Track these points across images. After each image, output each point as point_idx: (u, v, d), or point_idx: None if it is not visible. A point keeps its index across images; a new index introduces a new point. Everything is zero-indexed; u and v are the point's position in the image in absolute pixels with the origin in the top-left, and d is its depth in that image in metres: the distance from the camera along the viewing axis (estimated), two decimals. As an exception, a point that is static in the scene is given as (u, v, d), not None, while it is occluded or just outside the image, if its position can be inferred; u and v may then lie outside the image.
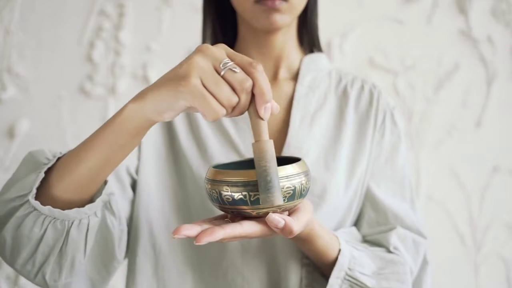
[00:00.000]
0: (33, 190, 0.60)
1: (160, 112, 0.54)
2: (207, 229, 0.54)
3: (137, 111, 0.55)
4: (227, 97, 0.52)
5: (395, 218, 0.79)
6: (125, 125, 0.56)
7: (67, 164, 0.61)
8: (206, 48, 0.52)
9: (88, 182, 0.61)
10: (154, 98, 0.53)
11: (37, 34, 1.43)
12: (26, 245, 0.62)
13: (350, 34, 1.45)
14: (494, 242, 1.45)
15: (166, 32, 1.46)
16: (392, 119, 0.84)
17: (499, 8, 1.43)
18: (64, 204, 0.62)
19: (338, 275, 0.69)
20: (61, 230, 0.62)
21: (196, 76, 0.50)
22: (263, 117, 0.54)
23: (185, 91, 0.51)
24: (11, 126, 1.41)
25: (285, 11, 0.77)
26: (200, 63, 0.51)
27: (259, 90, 0.52)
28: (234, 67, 0.52)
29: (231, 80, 0.52)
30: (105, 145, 0.58)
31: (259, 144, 0.54)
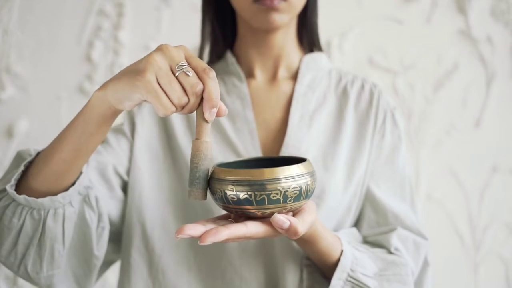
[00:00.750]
0: (12, 181, 0.64)
1: (120, 101, 0.57)
2: (211, 229, 0.54)
3: (101, 98, 0.58)
4: (178, 97, 0.54)
5: (395, 219, 0.79)
6: (92, 113, 0.60)
7: (43, 156, 0.64)
8: (166, 48, 0.55)
9: (62, 172, 0.64)
10: (115, 88, 0.57)
11: (36, 33, 1.43)
12: (7, 236, 0.65)
13: (349, 34, 1.45)
14: (494, 242, 1.45)
15: (165, 32, 1.45)
16: (392, 119, 0.84)
17: (499, 8, 1.43)
18: (42, 195, 0.64)
19: (340, 276, 0.69)
20: (38, 220, 0.64)
21: (151, 73, 0.53)
22: (208, 119, 0.56)
23: (139, 86, 0.53)
24: (10, 126, 1.41)
25: (283, 11, 0.76)
26: (158, 61, 0.54)
27: (207, 95, 0.55)
28: (188, 71, 0.54)
29: (183, 82, 0.54)
30: (75, 134, 0.61)
31: (197, 142, 0.57)
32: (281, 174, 0.55)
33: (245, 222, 0.57)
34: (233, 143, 0.79)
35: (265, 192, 0.55)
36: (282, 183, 0.55)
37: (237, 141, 0.79)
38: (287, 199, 0.56)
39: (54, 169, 0.63)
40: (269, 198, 0.55)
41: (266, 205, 0.55)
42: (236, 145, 0.78)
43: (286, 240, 0.75)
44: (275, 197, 0.55)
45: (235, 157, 0.78)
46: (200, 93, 0.55)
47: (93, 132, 0.61)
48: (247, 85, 0.83)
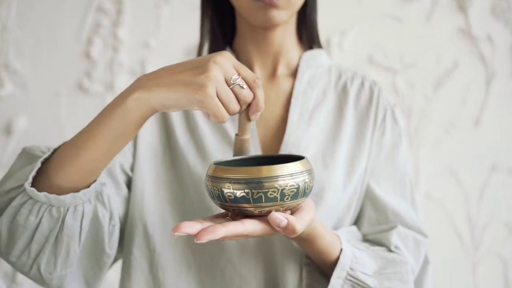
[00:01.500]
0: (29, 179, 0.62)
1: (167, 106, 0.58)
2: (208, 226, 0.53)
3: (143, 102, 0.58)
4: (233, 107, 0.59)
5: (395, 217, 0.79)
6: (129, 115, 0.59)
7: (66, 154, 0.63)
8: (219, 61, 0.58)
9: (88, 171, 0.63)
10: (163, 94, 0.57)
11: (34, 30, 1.42)
12: (21, 235, 0.63)
13: (349, 32, 1.45)
14: (492, 241, 1.45)
15: (164, 29, 1.45)
16: (392, 117, 0.83)
17: (499, 7, 1.43)
18: (62, 192, 0.63)
19: (340, 275, 0.69)
20: (56, 217, 0.63)
21: (213, 88, 0.56)
22: (253, 119, 0.63)
23: (201, 99, 0.56)
24: (9, 122, 1.41)
25: (283, 7, 0.76)
26: (217, 76, 0.57)
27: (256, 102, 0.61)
28: (242, 84, 0.59)
29: (238, 93, 0.59)
30: (107, 135, 0.60)
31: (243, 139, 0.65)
32: (278, 172, 0.55)
33: (242, 220, 0.56)
34: (232, 141, 0.78)
35: (262, 190, 0.54)
36: (280, 181, 0.55)
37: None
38: (284, 197, 0.56)
39: (81, 167, 0.62)
40: (266, 196, 0.55)
41: (263, 203, 0.55)
42: None
43: (286, 239, 0.75)
44: (272, 195, 0.55)
45: None
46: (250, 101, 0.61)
47: (130, 133, 0.61)
48: None
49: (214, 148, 0.78)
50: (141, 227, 0.78)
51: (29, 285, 1.40)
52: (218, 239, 0.53)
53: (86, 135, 0.62)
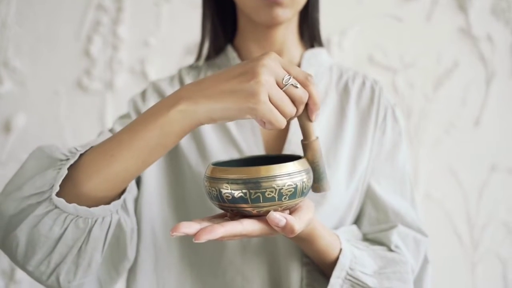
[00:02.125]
0: (56, 187, 0.58)
1: (214, 119, 0.56)
2: (206, 226, 0.53)
3: (188, 114, 0.56)
4: (290, 110, 0.56)
5: (395, 216, 0.79)
6: (171, 127, 0.56)
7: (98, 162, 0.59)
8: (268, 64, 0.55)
9: (122, 181, 0.60)
10: (211, 106, 0.55)
11: (34, 28, 1.42)
12: (43, 245, 0.60)
13: (349, 32, 1.45)
14: (492, 241, 1.45)
15: (164, 27, 1.45)
16: (393, 116, 0.83)
17: (499, 6, 1.43)
18: (91, 202, 0.60)
19: (339, 275, 0.68)
20: (83, 228, 0.60)
21: (265, 94, 0.54)
22: (313, 120, 0.60)
23: (254, 108, 0.54)
24: (8, 120, 1.40)
25: (287, 5, 0.75)
26: (268, 81, 0.54)
27: (313, 101, 0.58)
28: (295, 83, 0.56)
29: (293, 94, 0.56)
30: (146, 146, 0.57)
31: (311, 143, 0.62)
32: (276, 171, 0.55)
33: (241, 220, 0.56)
34: (235, 140, 0.78)
35: (260, 190, 0.54)
36: (277, 181, 0.55)
37: (239, 138, 0.78)
38: (282, 197, 0.55)
39: (113, 177, 0.59)
40: (264, 196, 0.55)
41: (261, 203, 0.55)
42: (239, 142, 0.78)
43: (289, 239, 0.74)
44: (270, 195, 0.55)
45: (237, 155, 0.77)
46: (306, 101, 0.57)
47: (168, 145, 0.58)
48: None
49: (216, 148, 0.78)
50: (149, 225, 0.78)
51: (27, 283, 1.40)
52: (216, 239, 0.53)
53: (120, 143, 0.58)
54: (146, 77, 1.43)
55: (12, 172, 1.49)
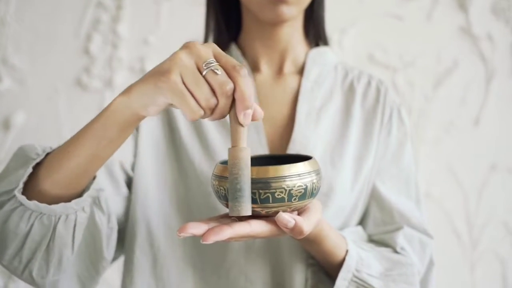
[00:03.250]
0: (20, 185, 0.60)
1: (145, 106, 0.54)
2: (214, 227, 0.52)
3: (124, 105, 0.55)
4: (206, 98, 0.50)
5: (401, 217, 0.78)
6: (113, 118, 0.56)
7: (55, 159, 0.60)
8: (193, 45, 0.52)
9: (76, 177, 0.60)
10: (139, 92, 0.53)
11: (33, 25, 1.42)
12: (12, 240, 0.61)
13: (349, 30, 1.45)
14: (491, 240, 1.45)
15: (164, 25, 1.44)
16: (399, 116, 0.82)
17: (499, 6, 1.43)
18: (52, 199, 0.61)
19: (345, 276, 0.68)
20: (47, 225, 0.61)
21: (176, 73, 0.50)
22: (242, 123, 0.52)
23: (164, 87, 0.50)
24: (7, 118, 1.40)
25: (292, 3, 0.75)
26: (184, 60, 0.50)
27: (239, 95, 0.51)
28: (216, 69, 0.51)
29: (211, 81, 0.50)
30: (94, 139, 0.57)
31: (234, 150, 0.53)
32: (286, 172, 0.54)
33: (249, 221, 0.55)
34: None
35: (270, 190, 0.53)
36: (287, 181, 0.54)
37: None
38: (292, 198, 0.55)
39: (67, 173, 0.59)
40: (273, 197, 0.54)
41: (271, 203, 0.54)
42: None
43: (293, 239, 0.74)
44: (279, 196, 0.54)
45: None
46: (230, 93, 0.51)
47: (114, 139, 0.58)
48: (252, 79, 0.82)
49: (219, 146, 0.77)
50: (144, 226, 0.77)
51: (26, 281, 1.39)
52: (224, 240, 0.52)
53: (75, 140, 0.59)
54: (146, 75, 1.43)
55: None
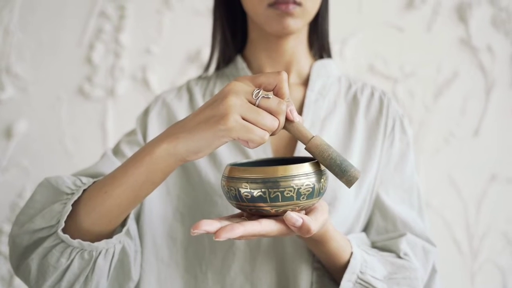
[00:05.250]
0: (61, 223, 0.62)
1: (196, 152, 0.56)
2: (226, 225, 0.54)
3: (170, 152, 0.57)
4: (271, 122, 0.55)
5: (404, 226, 0.79)
6: (156, 165, 0.58)
7: (94, 199, 0.62)
8: (234, 86, 0.55)
9: (116, 217, 0.63)
10: (189, 140, 0.56)
11: (36, 34, 1.43)
12: (52, 274, 0.63)
13: (350, 40, 1.46)
14: (491, 250, 1.45)
15: (166, 35, 1.45)
16: (401, 127, 0.84)
17: (499, 18, 1.44)
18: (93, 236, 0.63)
19: (350, 278, 0.69)
20: (88, 260, 0.63)
21: (234, 113, 0.53)
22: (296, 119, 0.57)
23: (226, 129, 0.53)
24: (9, 126, 1.41)
25: (298, 16, 0.76)
26: (236, 101, 0.54)
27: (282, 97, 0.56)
28: (265, 94, 0.55)
29: (267, 106, 0.55)
30: (135, 183, 0.60)
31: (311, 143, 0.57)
32: (294, 171, 0.56)
33: (260, 220, 0.57)
34: (244, 150, 0.78)
35: (279, 189, 0.55)
36: (296, 180, 0.56)
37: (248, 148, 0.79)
38: (300, 196, 0.56)
39: (108, 213, 0.62)
40: (282, 195, 0.56)
41: (280, 202, 0.56)
42: (247, 150, 0.78)
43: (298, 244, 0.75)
44: (288, 194, 0.56)
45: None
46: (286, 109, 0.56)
47: (157, 181, 0.60)
48: None
49: (226, 157, 0.78)
50: (149, 238, 0.78)
51: (26, 289, 1.39)
52: (235, 238, 0.54)
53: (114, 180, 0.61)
54: (148, 85, 1.44)
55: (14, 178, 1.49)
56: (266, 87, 0.57)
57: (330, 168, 0.57)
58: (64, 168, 1.32)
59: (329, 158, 0.57)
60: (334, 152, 0.57)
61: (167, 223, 0.79)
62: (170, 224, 0.79)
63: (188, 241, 0.78)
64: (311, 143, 0.57)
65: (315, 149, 0.57)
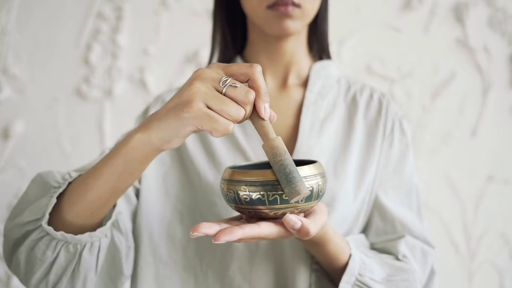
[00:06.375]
0: (46, 216, 0.62)
1: (168, 140, 0.56)
2: (225, 228, 0.54)
3: (144, 141, 0.57)
4: (236, 112, 0.53)
5: (402, 227, 0.79)
6: (132, 154, 0.58)
7: (77, 191, 0.63)
8: (202, 72, 0.54)
9: (98, 208, 0.63)
10: (159, 128, 0.55)
11: (34, 35, 1.43)
12: (39, 267, 0.64)
13: (347, 41, 1.46)
14: (488, 251, 1.45)
15: (164, 35, 1.46)
16: (400, 128, 0.84)
17: (496, 18, 1.44)
18: (76, 228, 0.64)
19: (349, 280, 0.69)
20: (73, 253, 0.64)
21: (198, 101, 0.52)
22: (265, 117, 0.56)
23: (189, 117, 0.53)
24: (6, 127, 1.40)
25: (297, 18, 0.77)
26: (200, 88, 0.53)
27: (258, 90, 0.55)
28: (233, 83, 0.54)
29: (234, 95, 0.54)
30: (113, 173, 0.60)
31: (269, 143, 0.56)
32: None
33: (259, 222, 0.57)
34: (243, 149, 0.79)
35: (278, 192, 0.55)
36: None
37: (247, 148, 0.79)
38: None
39: (89, 205, 0.62)
40: (281, 198, 0.56)
41: (279, 205, 0.56)
42: (247, 151, 0.78)
43: (296, 245, 0.75)
44: (287, 197, 0.55)
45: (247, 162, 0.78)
46: (253, 99, 0.54)
47: (134, 171, 0.60)
48: None
49: (224, 157, 0.78)
50: (147, 237, 0.79)
51: (23, 290, 1.39)
52: (234, 240, 0.54)
53: (95, 173, 0.61)
54: (145, 85, 1.44)
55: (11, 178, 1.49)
56: (238, 78, 0.55)
57: (278, 174, 0.55)
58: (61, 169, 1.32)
59: (279, 164, 0.55)
60: (288, 160, 0.55)
61: (166, 222, 0.79)
62: (168, 223, 0.79)
63: (187, 240, 0.78)
64: (268, 142, 0.56)
65: (270, 150, 0.56)
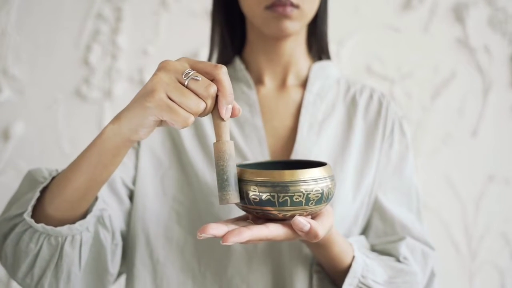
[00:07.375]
0: (29, 209, 0.64)
1: (135, 130, 0.56)
2: (233, 229, 0.54)
3: (114, 132, 0.57)
4: (196, 105, 0.53)
5: (402, 229, 0.79)
6: (105, 145, 0.59)
7: (57, 184, 0.64)
8: (167, 64, 0.55)
9: (77, 201, 0.63)
10: (127, 117, 0.56)
11: (33, 36, 1.42)
12: (24, 259, 0.65)
13: (347, 42, 1.46)
14: (489, 251, 1.45)
15: (163, 36, 1.45)
16: (400, 129, 0.84)
17: (496, 18, 1.44)
18: (57, 221, 0.64)
19: (352, 282, 0.69)
20: (55, 246, 0.64)
21: (160, 91, 0.53)
22: (224, 117, 0.56)
23: (151, 106, 0.53)
24: (6, 128, 1.40)
25: (295, 18, 0.77)
26: (163, 78, 0.54)
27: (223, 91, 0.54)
28: (196, 76, 0.54)
29: (195, 88, 0.54)
30: (89, 165, 0.60)
31: (218, 144, 0.56)
32: (304, 176, 0.56)
33: (267, 224, 0.57)
34: (241, 150, 0.78)
35: (288, 193, 0.55)
36: (305, 186, 0.56)
37: (246, 148, 0.78)
38: (309, 202, 0.56)
39: (68, 198, 0.63)
40: (291, 200, 0.55)
41: (288, 207, 0.56)
42: (245, 152, 0.78)
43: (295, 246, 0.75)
44: (297, 199, 0.55)
45: None
46: (215, 94, 0.54)
47: (108, 164, 0.60)
48: (256, 92, 0.83)
49: None
50: (143, 238, 0.78)
51: (23, 292, 1.39)
52: (242, 242, 0.54)
53: (73, 166, 0.62)
54: (145, 86, 1.44)
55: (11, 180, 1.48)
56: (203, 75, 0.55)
57: (216, 177, 0.56)
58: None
59: (220, 168, 0.56)
60: (230, 167, 0.56)
61: (162, 223, 0.78)
62: (165, 224, 0.78)
63: (184, 241, 0.78)
64: (219, 144, 0.56)
65: (216, 152, 0.56)
